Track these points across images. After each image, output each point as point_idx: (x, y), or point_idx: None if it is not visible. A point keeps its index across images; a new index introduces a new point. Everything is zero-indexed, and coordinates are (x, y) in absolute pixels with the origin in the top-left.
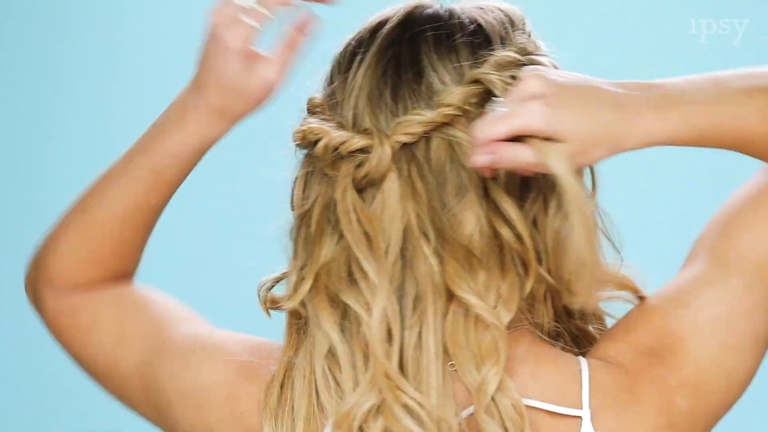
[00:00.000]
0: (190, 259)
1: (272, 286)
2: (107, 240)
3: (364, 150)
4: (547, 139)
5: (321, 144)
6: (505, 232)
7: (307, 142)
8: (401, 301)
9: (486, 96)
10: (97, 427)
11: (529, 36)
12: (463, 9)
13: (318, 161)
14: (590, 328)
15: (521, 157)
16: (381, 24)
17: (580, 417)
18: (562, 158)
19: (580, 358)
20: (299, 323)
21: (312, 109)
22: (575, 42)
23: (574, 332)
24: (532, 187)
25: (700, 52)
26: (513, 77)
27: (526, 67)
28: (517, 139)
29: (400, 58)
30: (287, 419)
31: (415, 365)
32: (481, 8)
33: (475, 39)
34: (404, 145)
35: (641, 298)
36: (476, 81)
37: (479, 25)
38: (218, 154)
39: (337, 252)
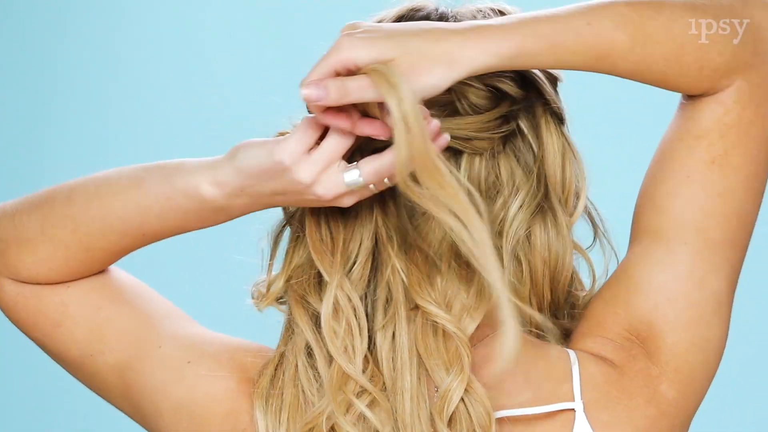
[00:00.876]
0: (184, 258)
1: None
2: (97, 259)
3: None
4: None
5: None
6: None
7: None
8: (373, 303)
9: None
10: (98, 427)
11: None
12: (459, 12)
13: None
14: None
15: (355, 88)
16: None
17: (573, 410)
18: (396, 77)
19: (570, 350)
20: (290, 318)
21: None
22: None
23: (560, 331)
24: (501, 192)
25: None
26: (494, 86)
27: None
28: None
29: None
30: (276, 401)
31: (389, 367)
32: (479, 10)
33: None
34: None
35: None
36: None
37: None
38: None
39: (307, 256)
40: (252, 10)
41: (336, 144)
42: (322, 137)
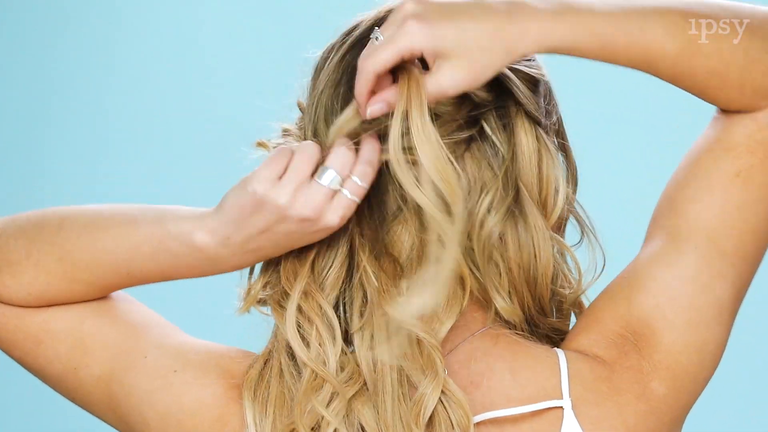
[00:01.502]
0: None
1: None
2: (78, 292)
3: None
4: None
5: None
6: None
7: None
8: (348, 307)
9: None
10: (98, 427)
11: None
12: None
13: None
14: (569, 326)
15: (390, 98)
16: (352, 30)
17: (561, 407)
18: (456, 77)
19: (557, 349)
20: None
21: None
22: None
23: (549, 334)
24: (469, 196)
25: None
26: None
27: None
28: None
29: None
30: (263, 394)
31: (369, 369)
32: None
33: None
34: None
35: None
36: None
37: None
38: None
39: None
40: (251, 10)
41: (301, 161)
42: None
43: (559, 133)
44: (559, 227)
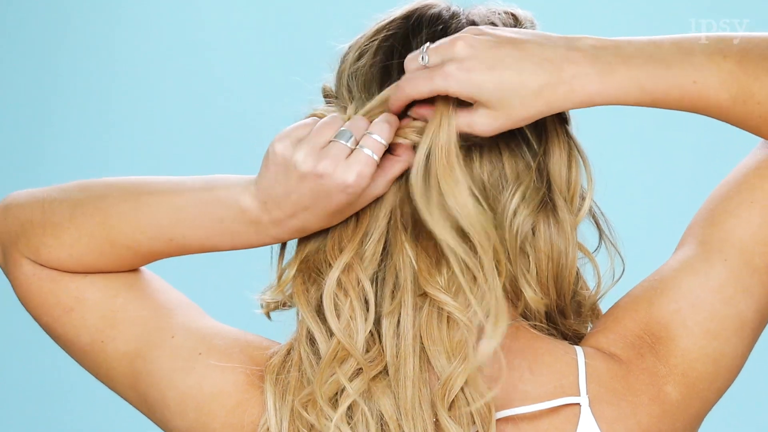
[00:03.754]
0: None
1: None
2: (120, 257)
3: None
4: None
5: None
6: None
7: None
8: (382, 288)
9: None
10: (98, 427)
11: None
12: (468, 11)
13: None
14: (587, 329)
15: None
16: (385, 21)
17: (578, 404)
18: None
19: (576, 346)
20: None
21: (325, 96)
22: None
23: (568, 334)
24: (504, 189)
25: None
26: None
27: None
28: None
29: (394, 52)
30: (284, 381)
31: (393, 353)
32: (491, 11)
33: None
34: None
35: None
36: None
37: (475, 25)
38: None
39: (318, 244)
40: (252, 9)
41: (323, 126)
42: None
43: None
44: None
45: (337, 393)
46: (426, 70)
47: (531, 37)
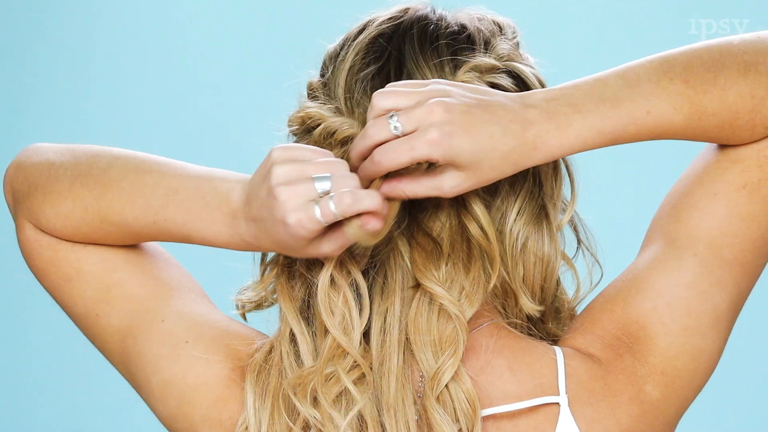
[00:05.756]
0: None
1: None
2: (107, 234)
3: (352, 137)
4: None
5: (319, 129)
6: (473, 228)
7: (306, 127)
8: (372, 286)
9: None
10: (98, 427)
11: (516, 46)
12: (455, 15)
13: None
14: (563, 332)
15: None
16: (372, 20)
17: (557, 404)
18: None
19: (555, 347)
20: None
21: (309, 91)
22: (576, 43)
23: (544, 337)
24: (500, 190)
25: None
26: (492, 84)
27: (431, 100)
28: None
29: (383, 51)
30: (265, 377)
31: (377, 348)
32: (476, 17)
33: (458, 41)
34: None
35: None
36: None
37: (465, 28)
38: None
39: None
40: (239, 7)
41: (318, 162)
42: None
43: None
44: None
45: (323, 392)
46: (402, 139)
47: (494, 99)
